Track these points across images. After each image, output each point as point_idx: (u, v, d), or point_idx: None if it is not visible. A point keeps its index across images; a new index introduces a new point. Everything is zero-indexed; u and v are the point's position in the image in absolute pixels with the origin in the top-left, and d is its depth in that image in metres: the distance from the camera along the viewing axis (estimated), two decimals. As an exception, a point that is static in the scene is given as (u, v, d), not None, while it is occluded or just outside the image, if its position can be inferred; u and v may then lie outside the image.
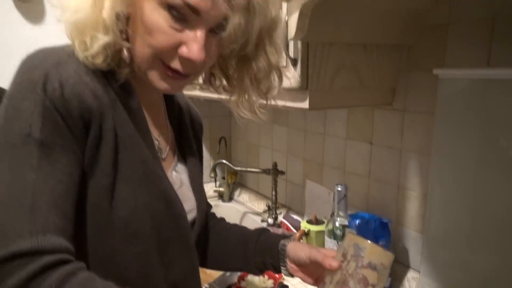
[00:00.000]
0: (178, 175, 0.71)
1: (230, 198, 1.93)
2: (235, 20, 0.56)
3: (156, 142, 0.67)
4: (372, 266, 0.60)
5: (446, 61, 0.96)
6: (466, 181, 0.92)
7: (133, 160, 0.58)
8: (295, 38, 0.77)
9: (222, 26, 0.56)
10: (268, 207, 1.60)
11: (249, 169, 1.64)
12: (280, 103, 1.00)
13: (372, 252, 0.60)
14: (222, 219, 0.91)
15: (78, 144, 0.54)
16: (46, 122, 0.51)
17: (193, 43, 0.55)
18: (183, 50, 0.56)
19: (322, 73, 0.93)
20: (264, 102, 0.72)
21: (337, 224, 1.02)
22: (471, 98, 0.89)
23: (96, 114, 0.54)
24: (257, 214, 1.74)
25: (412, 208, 1.10)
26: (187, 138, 0.77)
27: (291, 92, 0.96)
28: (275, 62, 0.65)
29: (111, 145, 0.56)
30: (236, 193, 1.96)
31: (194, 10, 0.54)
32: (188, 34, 0.56)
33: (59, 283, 0.46)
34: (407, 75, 1.05)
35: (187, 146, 0.76)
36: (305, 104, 0.93)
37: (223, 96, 0.72)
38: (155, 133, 0.67)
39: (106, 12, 0.54)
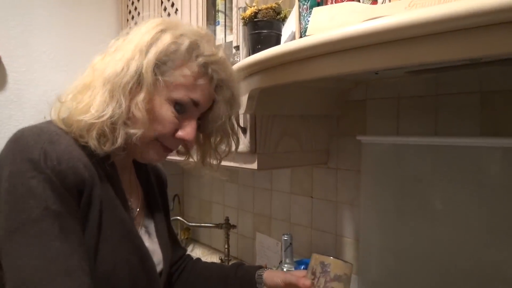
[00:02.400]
0: (146, 230, 0.83)
1: (183, 254, 2.00)
2: (220, 109, 0.77)
3: (129, 201, 0.79)
4: (337, 278, 0.72)
5: (368, 129, 1.18)
6: (390, 228, 1.11)
7: (114, 221, 0.69)
8: (244, 113, 0.95)
9: (206, 113, 0.77)
10: (221, 260, 1.69)
11: (202, 224, 1.75)
12: (234, 164, 1.16)
13: (336, 266, 0.73)
14: (199, 259, 1.02)
15: (76, 210, 0.64)
16: (56, 194, 0.61)
17: (188, 128, 0.74)
18: (180, 133, 0.73)
19: (268, 140, 1.11)
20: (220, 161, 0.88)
21: (284, 270, 1.16)
22: (387, 159, 1.11)
23: (88, 183, 0.65)
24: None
25: (348, 253, 1.26)
26: (154, 195, 0.89)
27: (242, 156, 1.12)
28: (235, 131, 0.84)
29: (97, 209, 0.66)
30: (189, 248, 2.03)
31: (195, 103, 0.73)
32: (184, 121, 0.73)
33: None
34: (338, 139, 1.27)
35: (154, 203, 0.88)
36: (254, 166, 1.10)
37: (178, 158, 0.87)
38: (127, 193, 0.79)
39: (140, 110, 0.68)
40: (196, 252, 1.98)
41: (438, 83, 1.01)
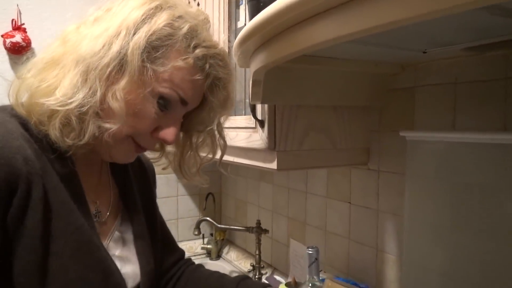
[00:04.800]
0: (121, 236, 0.70)
1: (218, 256, 1.89)
2: (211, 111, 0.67)
3: (95, 204, 0.67)
4: None
5: (416, 123, 0.97)
6: (440, 245, 0.89)
7: (66, 230, 0.56)
8: (252, 103, 0.79)
9: (193, 112, 0.67)
10: (253, 266, 1.55)
11: (232, 227, 1.62)
12: (251, 163, 1.01)
13: None
14: (199, 266, 0.90)
15: None
16: None
17: (170, 128, 0.62)
18: (161, 135, 0.62)
19: (290, 135, 0.94)
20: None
21: (308, 289, 0.98)
22: (440, 160, 0.88)
23: (24, 180, 0.52)
24: (244, 273, 1.69)
25: (391, 272, 1.05)
26: (131, 194, 0.76)
27: (260, 153, 0.97)
28: (222, 134, 0.71)
29: (40, 215, 0.53)
30: (225, 250, 1.91)
31: (184, 102, 0.61)
32: (167, 119, 0.62)
33: None
34: (380, 136, 1.06)
35: (131, 203, 0.75)
36: (274, 165, 0.93)
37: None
38: (93, 195, 0.67)
39: (117, 101, 0.56)
40: (230, 255, 1.86)
41: (508, 62, 0.77)
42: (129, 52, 0.56)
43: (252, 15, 0.67)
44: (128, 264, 0.68)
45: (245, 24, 1.07)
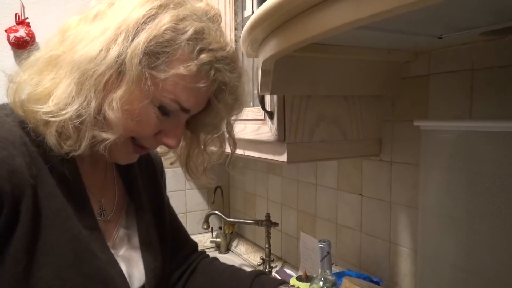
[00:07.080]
0: (126, 232, 0.69)
1: (228, 249, 1.88)
2: (217, 115, 0.65)
3: (100, 202, 0.65)
4: None
5: (430, 112, 0.94)
6: (456, 237, 0.86)
7: (62, 239, 0.54)
8: (260, 94, 0.77)
9: (199, 114, 0.64)
10: (263, 260, 1.53)
11: (241, 220, 1.60)
12: (260, 155, 0.99)
13: None
14: (214, 259, 0.88)
15: None
16: None
17: (173, 133, 0.60)
18: (164, 140, 0.60)
19: (300, 126, 0.91)
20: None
21: (321, 284, 0.96)
22: (455, 150, 0.85)
23: (9, 198, 0.50)
24: (253, 267, 1.67)
25: (405, 265, 1.03)
26: (137, 189, 0.74)
27: (269, 145, 0.94)
28: (232, 134, 0.68)
29: (26, 228, 0.51)
30: (234, 243, 1.90)
31: (185, 110, 0.59)
32: (169, 124, 0.60)
33: None
34: (393, 126, 1.03)
35: (137, 198, 0.73)
36: (283, 158, 0.91)
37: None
38: (98, 193, 0.65)
39: (114, 111, 0.54)
40: (240, 248, 1.84)
41: (529, 47, 0.74)
42: (127, 60, 0.53)
43: (260, 1, 0.64)
44: (133, 263, 0.66)
45: (252, 13, 1.04)
